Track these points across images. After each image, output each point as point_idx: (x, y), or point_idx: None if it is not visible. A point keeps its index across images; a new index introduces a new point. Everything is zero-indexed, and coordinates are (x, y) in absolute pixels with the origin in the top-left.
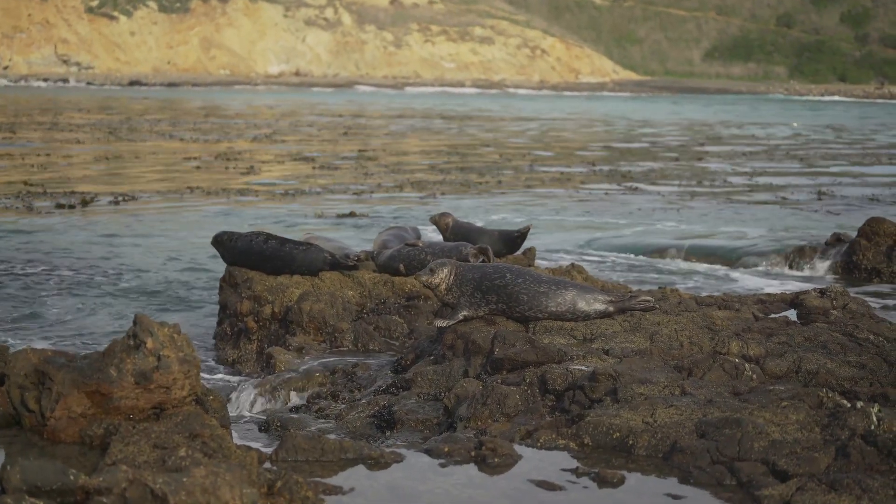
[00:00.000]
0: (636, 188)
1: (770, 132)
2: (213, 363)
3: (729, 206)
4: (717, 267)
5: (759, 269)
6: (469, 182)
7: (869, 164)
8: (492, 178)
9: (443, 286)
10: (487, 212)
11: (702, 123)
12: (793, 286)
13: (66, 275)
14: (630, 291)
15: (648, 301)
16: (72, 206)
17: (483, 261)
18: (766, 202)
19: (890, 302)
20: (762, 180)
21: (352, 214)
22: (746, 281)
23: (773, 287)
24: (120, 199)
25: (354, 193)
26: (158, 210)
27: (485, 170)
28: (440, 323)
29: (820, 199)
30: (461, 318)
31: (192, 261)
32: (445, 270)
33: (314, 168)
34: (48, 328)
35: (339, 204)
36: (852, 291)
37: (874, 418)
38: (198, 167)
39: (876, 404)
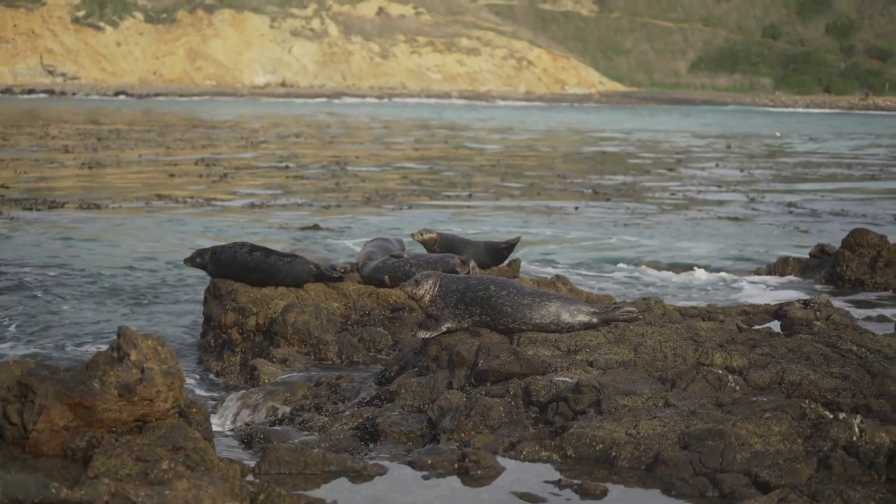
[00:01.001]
0: (607, 200)
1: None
2: (197, 375)
3: (699, 221)
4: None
5: (735, 279)
6: (438, 193)
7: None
8: (462, 191)
9: (427, 297)
10: (460, 225)
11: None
12: (778, 296)
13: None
14: (614, 303)
15: (632, 312)
16: (38, 210)
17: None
18: (733, 217)
19: (873, 313)
20: (731, 196)
21: (315, 227)
22: (730, 292)
23: (757, 298)
24: (86, 205)
25: (323, 207)
26: (123, 218)
27: (457, 182)
28: (423, 334)
29: (791, 213)
30: (444, 329)
31: (175, 270)
32: (430, 282)
33: (287, 178)
34: (19, 335)
35: (307, 216)
36: (836, 302)
37: (856, 429)
38: (172, 175)
39: (858, 415)
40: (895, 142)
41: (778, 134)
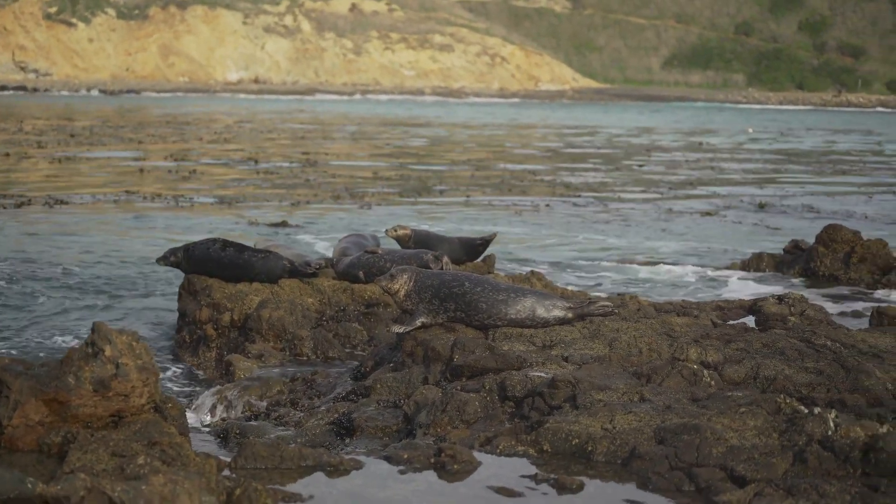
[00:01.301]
0: (577, 196)
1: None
2: (172, 371)
3: (669, 218)
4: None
5: (709, 274)
6: (407, 191)
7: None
8: (432, 188)
9: (402, 292)
10: (426, 221)
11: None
12: (753, 291)
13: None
14: (589, 298)
15: (608, 306)
16: (4, 207)
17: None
18: (705, 213)
19: (847, 308)
20: (701, 192)
21: (283, 224)
22: (704, 288)
23: (731, 293)
24: (53, 202)
25: (292, 204)
26: (90, 214)
27: (426, 179)
28: (398, 329)
29: (763, 209)
30: (419, 324)
31: (147, 266)
32: (405, 276)
33: (256, 174)
34: None
35: (274, 212)
36: (810, 297)
37: (831, 424)
38: (140, 170)
39: (833, 410)
40: (866, 137)
41: (750, 130)
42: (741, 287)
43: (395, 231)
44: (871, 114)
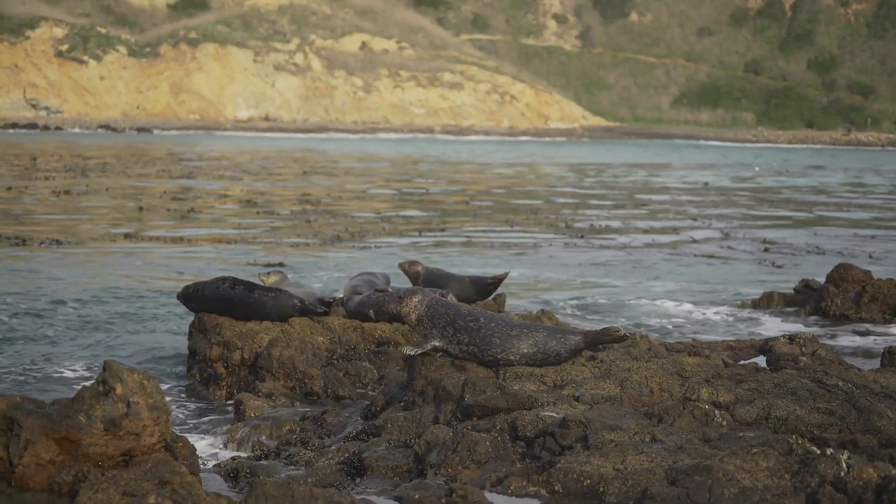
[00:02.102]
0: (581, 237)
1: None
2: (182, 409)
3: (674, 259)
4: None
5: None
6: (405, 232)
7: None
8: (434, 229)
9: (413, 315)
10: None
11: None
12: (764, 331)
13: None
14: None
15: (619, 330)
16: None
17: None
18: (709, 255)
19: (859, 348)
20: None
21: (280, 265)
22: (716, 327)
23: (743, 332)
24: (50, 241)
25: (290, 245)
26: (89, 253)
27: (430, 220)
28: (409, 350)
29: (766, 251)
30: (430, 347)
31: (154, 304)
32: (416, 299)
33: (257, 214)
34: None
35: (273, 252)
36: (822, 337)
37: (844, 465)
38: (140, 208)
39: (846, 451)
40: (877, 179)
41: (757, 169)
42: (752, 326)
43: (409, 265)
44: (881, 153)
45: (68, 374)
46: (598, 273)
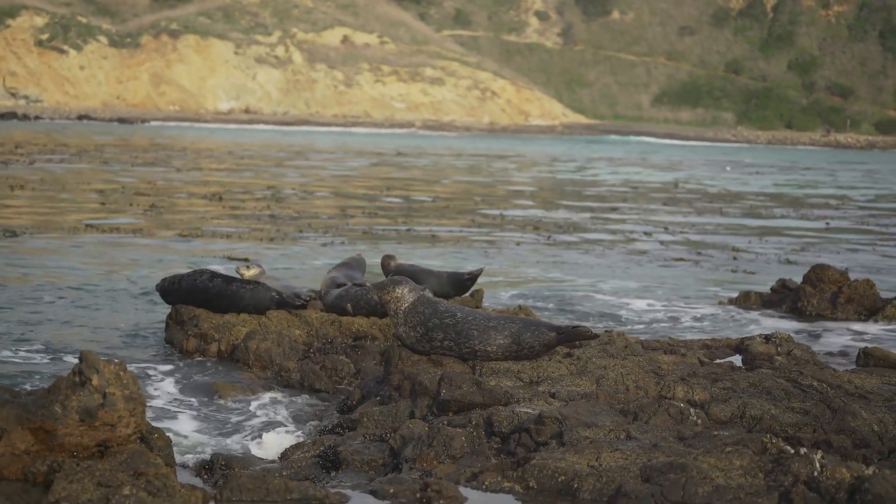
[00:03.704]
0: (549, 237)
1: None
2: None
3: (643, 262)
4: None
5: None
6: (373, 231)
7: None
8: (400, 224)
9: (404, 305)
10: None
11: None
12: (741, 330)
13: None
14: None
15: (589, 330)
16: None
17: None
18: (679, 259)
19: (834, 348)
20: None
21: (245, 260)
22: (692, 326)
23: (719, 332)
24: (8, 232)
25: (257, 239)
26: (60, 243)
27: (396, 215)
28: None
29: (735, 259)
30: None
31: (131, 296)
32: (400, 290)
33: (223, 208)
34: None
35: (241, 247)
36: (797, 337)
37: (817, 465)
38: (102, 203)
39: (819, 451)
40: (852, 178)
41: (728, 169)
42: (729, 325)
43: (385, 261)
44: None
45: (44, 364)
46: (570, 272)
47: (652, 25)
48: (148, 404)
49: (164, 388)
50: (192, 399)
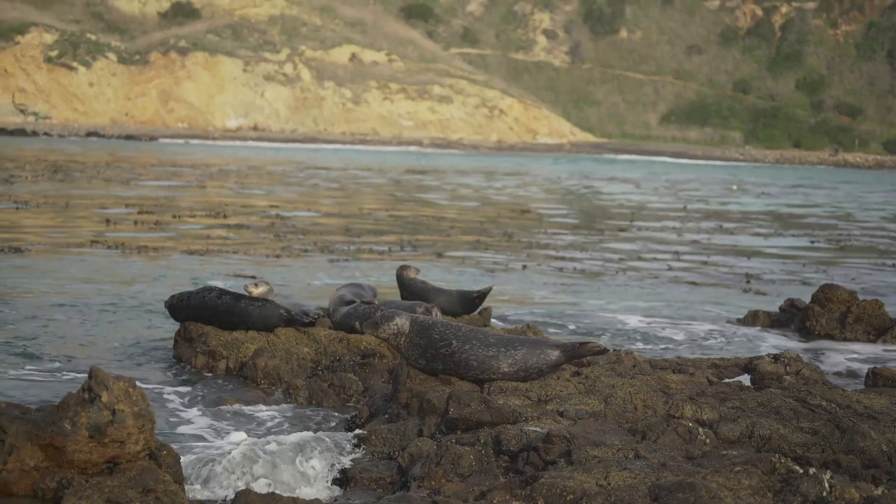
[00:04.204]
0: (559, 260)
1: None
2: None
3: (653, 283)
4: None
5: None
6: (378, 249)
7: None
8: (406, 243)
9: (403, 339)
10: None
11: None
12: (749, 350)
13: None
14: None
15: (598, 345)
16: None
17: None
18: (690, 282)
19: (843, 368)
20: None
21: (252, 277)
22: (700, 345)
23: (727, 351)
24: (7, 248)
25: (263, 256)
26: (64, 260)
27: (401, 231)
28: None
29: (748, 282)
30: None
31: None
32: (394, 324)
33: (227, 228)
34: None
35: (244, 266)
36: (806, 357)
37: (826, 485)
38: (107, 220)
39: (828, 471)
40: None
41: (734, 188)
42: (737, 344)
43: (402, 270)
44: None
45: (52, 380)
46: (578, 292)
47: (660, 44)
48: (156, 421)
49: (172, 406)
50: (201, 416)
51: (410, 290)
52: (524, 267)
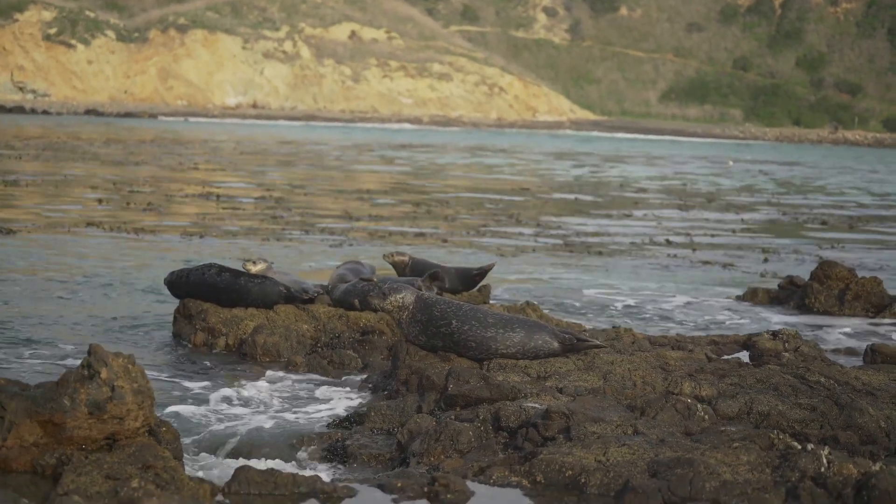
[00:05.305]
0: (567, 244)
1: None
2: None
3: (663, 265)
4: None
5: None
6: (378, 232)
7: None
8: (408, 227)
9: (405, 314)
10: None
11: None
12: (749, 327)
13: None
14: (583, 329)
15: (595, 343)
16: None
17: (438, 291)
18: (706, 261)
19: (841, 345)
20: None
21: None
22: (700, 322)
23: (727, 328)
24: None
25: (262, 237)
26: (59, 240)
27: (402, 217)
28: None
29: (766, 262)
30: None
31: (137, 291)
32: (400, 297)
33: (222, 208)
34: None
35: (235, 248)
36: (805, 333)
37: (824, 460)
38: (99, 200)
39: (826, 447)
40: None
41: (730, 164)
42: (736, 321)
43: (392, 257)
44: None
45: (51, 357)
46: (581, 271)
47: (660, 22)
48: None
49: (171, 382)
50: (201, 392)
51: (413, 269)
52: (533, 249)
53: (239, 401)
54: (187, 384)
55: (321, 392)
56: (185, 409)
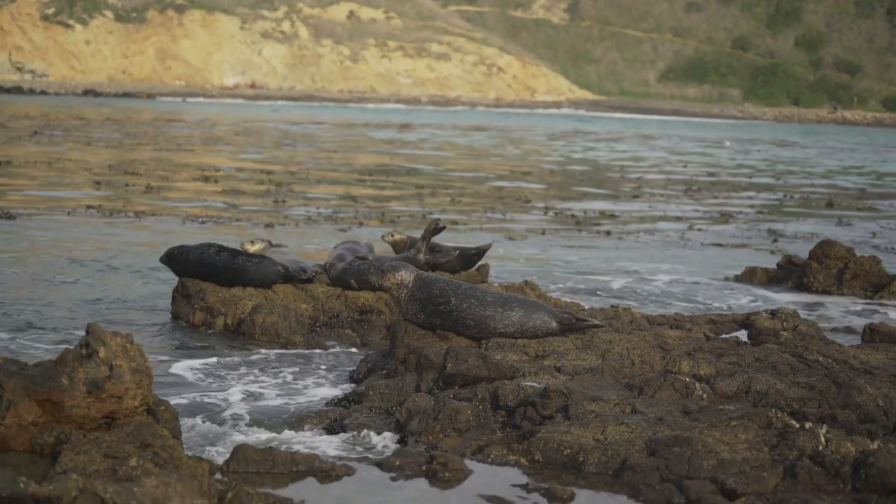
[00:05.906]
0: (577, 224)
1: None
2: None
3: (668, 245)
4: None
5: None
6: (384, 214)
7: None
8: (415, 211)
9: (404, 292)
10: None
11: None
12: (746, 305)
13: None
14: (582, 309)
15: (593, 323)
16: None
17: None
18: (714, 243)
19: (839, 324)
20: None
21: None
22: (697, 301)
23: (724, 306)
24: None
25: (265, 225)
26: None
27: (406, 198)
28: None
29: (776, 242)
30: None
31: (137, 271)
32: (399, 275)
33: (219, 191)
34: None
35: (242, 231)
36: (803, 313)
37: (822, 439)
38: (98, 182)
39: (824, 425)
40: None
41: (728, 144)
42: (735, 300)
43: (392, 236)
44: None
45: (51, 336)
46: (580, 251)
47: (659, 1)
48: (154, 377)
49: (170, 361)
50: (200, 371)
51: (409, 247)
52: (543, 232)
53: (237, 380)
54: (186, 363)
55: (320, 371)
56: (183, 389)
